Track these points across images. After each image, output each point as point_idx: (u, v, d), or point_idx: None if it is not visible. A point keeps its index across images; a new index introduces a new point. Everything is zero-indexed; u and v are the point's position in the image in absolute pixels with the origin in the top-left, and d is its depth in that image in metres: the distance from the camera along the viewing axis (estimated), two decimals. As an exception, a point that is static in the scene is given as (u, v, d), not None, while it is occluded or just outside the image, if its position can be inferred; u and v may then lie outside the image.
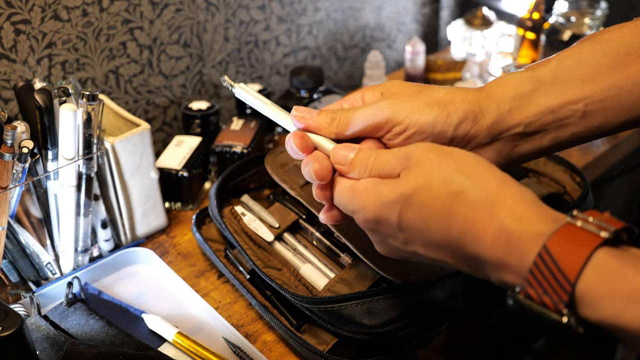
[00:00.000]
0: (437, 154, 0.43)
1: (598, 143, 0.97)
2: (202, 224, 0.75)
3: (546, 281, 0.36)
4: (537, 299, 0.37)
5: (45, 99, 0.63)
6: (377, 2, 1.18)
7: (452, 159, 0.43)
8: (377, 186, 0.45)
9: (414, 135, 0.48)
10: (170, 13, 0.91)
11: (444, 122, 0.47)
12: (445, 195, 0.41)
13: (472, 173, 0.42)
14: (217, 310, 0.66)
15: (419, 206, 0.42)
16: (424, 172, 0.43)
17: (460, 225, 0.41)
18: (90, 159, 0.68)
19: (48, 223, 0.69)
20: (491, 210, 0.40)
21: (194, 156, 0.82)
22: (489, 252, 0.40)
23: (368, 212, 0.45)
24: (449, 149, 0.44)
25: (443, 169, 0.42)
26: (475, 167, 0.43)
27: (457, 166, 0.42)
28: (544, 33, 1.06)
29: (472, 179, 0.41)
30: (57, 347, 0.59)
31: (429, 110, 0.47)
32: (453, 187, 0.41)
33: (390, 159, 0.45)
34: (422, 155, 0.44)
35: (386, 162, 0.46)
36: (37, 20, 0.79)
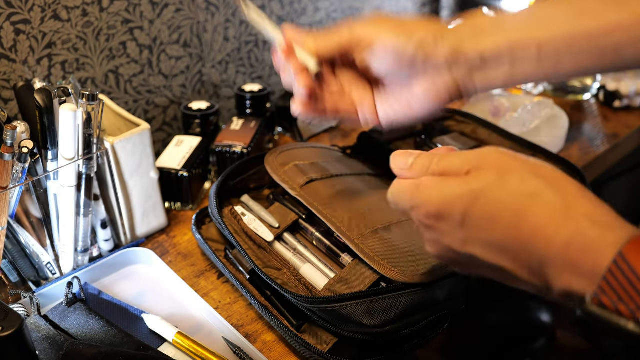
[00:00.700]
0: (513, 157, 0.43)
1: (598, 143, 0.97)
2: (202, 224, 0.75)
3: (622, 288, 0.35)
4: (612, 306, 0.36)
5: (45, 99, 0.63)
6: (377, 2, 1.18)
7: (528, 163, 0.42)
8: (444, 181, 0.44)
9: (379, 51, 0.53)
10: (170, 13, 0.91)
11: (406, 42, 0.52)
12: (519, 195, 0.40)
13: (549, 177, 0.41)
14: (217, 310, 0.66)
15: (488, 203, 0.41)
16: (499, 171, 0.42)
17: (531, 224, 0.39)
18: (90, 159, 0.68)
19: (48, 223, 0.69)
20: (568, 213, 0.39)
21: (194, 156, 0.82)
22: (561, 256, 0.38)
23: (430, 206, 0.44)
24: (523, 156, 0.43)
25: (519, 170, 0.42)
26: (552, 172, 0.42)
27: (534, 169, 0.42)
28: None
29: (549, 182, 0.41)
30: (57, 347, 0.59)
31: (394, 32, 0.53)
32: (529, 188, 0.40)
33: (457, 160, 0.45)
34: (497, 157, 0.43)
35: (452, 163, 0.45)
36: (37, 20, 0.79)
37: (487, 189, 0.41)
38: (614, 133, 0.99)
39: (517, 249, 0.40)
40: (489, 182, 0.41)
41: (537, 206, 0.40)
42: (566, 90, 1.09)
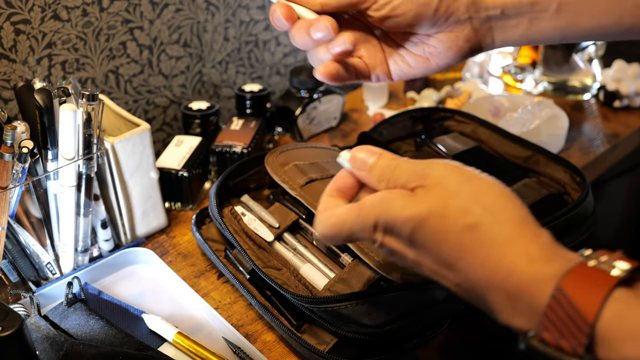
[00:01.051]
0: (459, 177, 0.42)
1: (598, 143, 0.97)
2: (202, 224, 0.75)
3: (563, 324, 0.35)
4: (554, 342, 0.35)
5: (45, 99, 0.63)
6: (377, 2, 1.18)
7: (472, 186, 0.42)
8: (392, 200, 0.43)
9: (400, 5, 0.50)
10: (170, 13, 0.91)
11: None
12: (460, 227, 0.40)
13: (491, 206, 0.40)
14: (217, 310, 0.66)
15: (432, 231, 0.41)
16: (442, 196, 0.41)
17: (471, 259, 0.39)
18: (90, 159, 0.68)
19: (48, 223, 0.69)
20: (504, 249, 0.38)
21: (194, 156, 0.82)
22: (498, 291, 0.38)
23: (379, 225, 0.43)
24: (472, 173, 0.43)
25: (461, 197, 0.41)
26: (497, 200, 0.41)
27: (477, 196, 0.41)
28: (544, 33, 1.06)
29: (490, 213, 0.40)
30: (57, 347, 0.59)
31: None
32: (469, 219, 0.40)
33: (409, 171, 0.44)
34: (443, 175, 0.42)
35: (404, 172, 0.44)
36: (37, 20, 0.79)
37: (431, 216, 0.41)
38: (614, 133, 0.99)
39: (461, 279, 0.41)
40: (433, 209, 0.41)
41: (475, 242, 0.39)
42: (566, 90, 1.09)
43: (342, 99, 1.01)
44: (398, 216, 0.42)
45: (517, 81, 1.14)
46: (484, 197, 0.41)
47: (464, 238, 0.40)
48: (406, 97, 1.11)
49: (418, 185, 0.43)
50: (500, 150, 0.83)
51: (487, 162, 0.81)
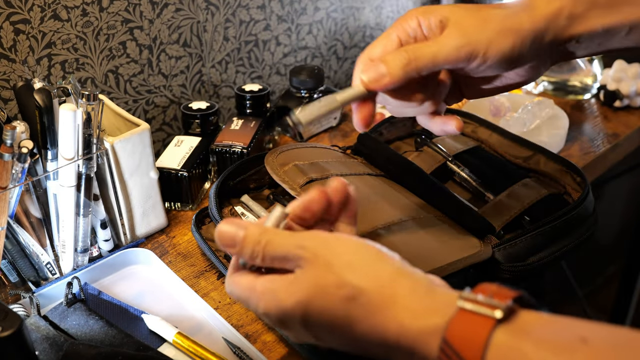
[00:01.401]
0: (328, 251, 0.43)
1: (598, 143, 0.97)
2: (201, 224, 0.75)
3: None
4: None
5: (44, 98, 0.63)
6: (377, 1, 1.18)
7: (341, 259, 0.42)
8: (275, 290, 0.44)
9: (494, 63, 0.50)
10: (170, 13, 0.91)
11: (521, 47, 0.50)
12: (340, 302, 0.41)
13: (363, 273, 0.42)
14: (217, 310, 0.66)
15: (319, 312, 0.42)
16: (317, 275, 0.42)
17: (362, 328, 0.41)
18: (89, 159, 0.68)
19: (48, 223, 0.69)
20: (388, 312, 0.40)
21: (194, 156, 0.82)
22: (396, 352, 0.40)
23: (271, 314, 0.44)
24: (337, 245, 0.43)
25: (334, 271, 0.42)
26: (366, 265, 0.42)
27: (348, 267, 0.42)
28: (544, 33, 1.06)
29: (364, 280, 0.41)
30: (57, 347, 0.59)
31: (505, 38, 0.50)
32: (347, 292, 0.41)
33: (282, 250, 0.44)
34: (313, 253, 0.43)
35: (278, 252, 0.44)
36: (37, 20, 0.79)
37: (313, 299, 0.42)
38: (614, 133, 0.99)
39: (363, 347, 0.42)
40: (313, 291, 0.42)
41: (359, 312, 0.41)
42: (566, 90, 1.09)
43: (342, 98, 1.01)
44: (285, 306, 0.43)
45: (517, 81, 1.13)
46: (354, 262, 0.42)
47: (348, 311, 0.41)
48: (406, 97, 1.11)
49: (295, 266, 0.44)
50: (500, 150, 0.83)
51: (487, 162, 0.81)
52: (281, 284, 0.44)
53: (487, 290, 0.38)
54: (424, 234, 0.65)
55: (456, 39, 0.50)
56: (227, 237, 0.46)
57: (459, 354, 0.36)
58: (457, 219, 0.70)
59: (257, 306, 0.45)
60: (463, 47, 0.49)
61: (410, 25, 0.53)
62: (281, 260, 0.44)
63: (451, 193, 0.73)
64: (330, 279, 0.42)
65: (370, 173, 0.78)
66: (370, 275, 0.41)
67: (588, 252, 1.44)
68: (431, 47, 0.50)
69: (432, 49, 0.50)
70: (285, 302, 0.43)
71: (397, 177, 0.76)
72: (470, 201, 0.76)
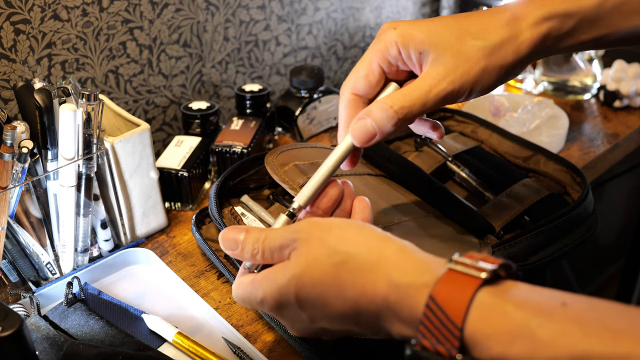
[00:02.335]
0: (320, 230, 0.45)
1: (598, 143, 0.97)
2: (202, 224, 0.75)
3: (437, 330, 0.37)
4: (432, 348, 0.37)
5: (45, 98, 0.63)
6: (377, 2, 1.18)
7: (332, 233, 0.45)
8: (271, 273, 0.46)
9: (477, 95, 0.51)
10: (170, 13, 0.91)
11: (505, 79, 0.51)
12: (332, 268, 0.43)
13: (352, 241, 0.44)
14: (217, 310, 0.66)
15: (311, 284, 0.44)
16: (310, 250, 0.44)
17: (352, 292, 0.42)
18: (90, 159, 0.68)
19: (48, 223, 0.69)
20: (377, 271, 0.41)
21: (194, 156, 0.82)
22: (384, 310, 0.41)
23: (268, 299, 0.46)
24: (329, 223, 0.46)
25: (326, 243, 0.44)
26: (356, 235, 0.45)
27: (339, 238, 0.44)
28: (544, 33, 1.06)
29: (353, 246, 0.43)
30: (57, 347, 0.59)
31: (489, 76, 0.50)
32: (337, 258, 0.43)
33: (279, 238, 0.47)
34: (307, 233, 0.45)
35: (275, 243, 0.47)
36: (37, 20, 0.79)
37: (306, 270, 0.44)
38: (614, 133, 0.99)
39: (354, 316, 0.43)
40: (305, 263, 0.44)
41: (349, 274, 0.42)
42: (566, 90, 1.09)
43: (342, 99, 1.01)
44: (280, 284, 0.45)
45: (517, 81, 1.13)
46: (345, 236, 0.44)
47: (339, 275, 0.43)
48: (406, 97, 1.11)
49: (291, 250, 0.46)
50: (500, 150, 0.83)
51: (487, 162, 0.81)
52: (277, 267, 0.46)
53: (476, 255, 0.40)
54: (424, 234, 0.65)
55: (439, 84, 0.49)
56: (230, 240, 0.49)
57: (444, 310, 0.37)
58: (457, 219, 0.70)
59: (257, 295, 0.47)
60: (446, 91, 0.49)
61: (391, 53, 0.52)
62: (279, 251, 0.47)
63: (451, 193, 0.73)
64: (322, 250, 0.44)
65: (370, 173, 0.78)
66: (359, 242, 0.44)
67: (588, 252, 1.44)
68: (415, 96, 0.49)
69: (416, 97, 0.49)
70: (280, 280, 0.45)
71: (397, 177, 0.76)
72: (470, 201, 0.76)
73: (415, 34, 0.50)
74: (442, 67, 0.49)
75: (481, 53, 0.49)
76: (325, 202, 0.53)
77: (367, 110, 0.50)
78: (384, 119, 0.49)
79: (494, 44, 0.50)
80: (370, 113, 0.50)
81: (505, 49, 0.50)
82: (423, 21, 0.51)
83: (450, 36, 0.50)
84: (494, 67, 0.50)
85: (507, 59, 0.50)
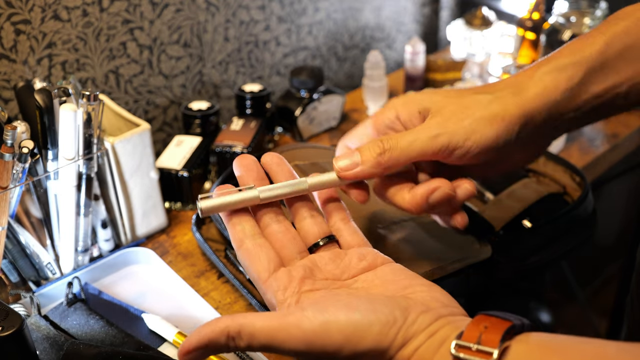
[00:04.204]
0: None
1: (598, 143, 0.97)
2: (202, 224, 0.75)
3: None
4: None
5: (45, 99, 0.63)
6: (377, 2, 1.18)
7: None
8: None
9: (478, 154, 0.47)
10: (170, 13, 0.91)
11: (507, 134, 0.46)
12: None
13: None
14: (217, 310, 0.66)
15: None
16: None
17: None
18: (90, 159, 0.68)
19: (48, 223, 0.69)
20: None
21: (194, 156, 0.82)
22: None
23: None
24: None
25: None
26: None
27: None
28: (544, 33, 1.06)
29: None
30: (57, 347, 0.59)
31: (488, 126, 0.46)
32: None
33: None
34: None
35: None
36: (37, 20, 0.79)
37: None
38: (614, 133, 0.99)
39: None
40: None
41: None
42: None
43: (342, 99, 1.01)
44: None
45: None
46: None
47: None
48: (406, 97, 1.11)
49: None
50: (500, 150, 0.83)
51: (487, 162, 0.81)
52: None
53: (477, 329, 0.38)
54: (424, 234, 0.65)
55: (432, 129, 0.47)
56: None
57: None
58: (457, 218, 0.70)
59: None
60: (438, 136, 0.46)
61: (388, 116, 0.50)
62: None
63: (451, 193, 0.73)
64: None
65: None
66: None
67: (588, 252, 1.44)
68: (406, 137, 0.47)
69: (407, 138, 0.47)
70: None
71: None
72: (470, 201, 0.76)
73: (417, 98, 0.49)
74: (437, 116, 0.48)
75: (481, 103, 0.47)
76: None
77: (357, 147, 0.49)
78: (370, 151, 0.48)
79: (495, 96, 0.48)
80: (358, 147, 0.49)
81: (507, 99, 0.47)
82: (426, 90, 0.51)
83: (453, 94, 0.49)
84: (494, 117, 0.46)
85: (508, 110, 0.46)
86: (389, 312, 0.40)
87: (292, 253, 0.46)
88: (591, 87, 0.48)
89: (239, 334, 0.40)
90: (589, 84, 0.47)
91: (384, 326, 0.39)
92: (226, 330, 0.40)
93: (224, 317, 0.41)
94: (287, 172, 0.50)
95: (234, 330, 0.40)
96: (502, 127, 0.46)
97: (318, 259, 0.46)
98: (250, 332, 0.40)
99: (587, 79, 0.47)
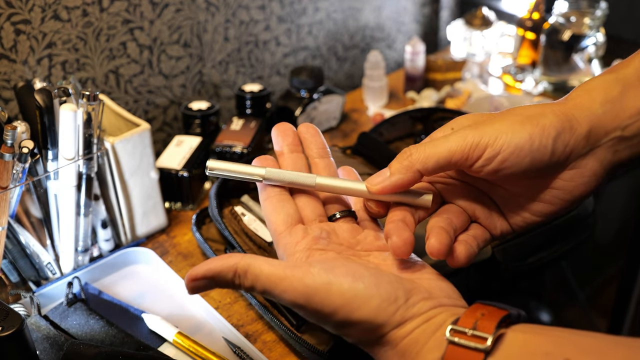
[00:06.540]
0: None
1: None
2: (202, 224, 0.75)
3: None
4: None
5: (45, 99, 0.63)
6: (377, 2, 1.18)
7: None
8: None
9: (510, 156, 0.43)
10: (170, 13, 0.91)
11: (541, 136, 0.43)
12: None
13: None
14: (217, 310, 0.66)
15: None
16: None
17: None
18: (90, 159, 0.68)
19: (48, 223, 0.69)
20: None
21: (194, 156, 0.82)
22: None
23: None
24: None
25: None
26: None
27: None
28: (544, 33, 1.06)
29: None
30: (57, 347, 0.59)
31: (520, 127, 0.43)
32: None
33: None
34: None
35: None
36: (37, 20, 0.79)
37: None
38: (613, 133, 0.99)
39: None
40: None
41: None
42: (566, 90, 1.09)
43: (342, 99, 1.01)
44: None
45: (517, 81, 1.14)
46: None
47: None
48: (406, 97, 1.11)
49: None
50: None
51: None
52: None
53: (472, 316, 0.39)
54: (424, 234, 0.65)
55: (461, 131, 0.45)
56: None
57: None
58: (457, 219, 0.70)
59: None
60: (468, 136, 0.44)
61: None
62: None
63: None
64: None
65: (370, 173, 0.78)
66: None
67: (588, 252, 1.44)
68: (434, 142, 0.45)
69: (435, 143, 0.45)
70: None
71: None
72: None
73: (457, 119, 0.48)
74: (469, 122, 0.47)
75: (516, 110, 0.45)
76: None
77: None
78: (397, 161, 0.46)
79: (533, 105, 0.46)
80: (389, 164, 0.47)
81: (543, 107, 0.45)
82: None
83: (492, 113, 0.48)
84: (527, 118, 0.44)
85: (545, 114, 0.44)
86: (392, 290, 0.41)
87: (312, 214, 0.49)
88: (633, 101, 0.45)
89: (246, 273, 0.42)
90: (631, 98, 0.45)
91: (383, 301, 0.41)
92: (234, 267, 0.42)
93: (235, 254, 0.43)
94: (320, 144, 0.52)
95: (242, 268, 0.42)
96: (536, 128, 0.43)
97: (336, 226, 0.49)
98: (257, 274, 0.42)
99: (626, 93, 0.45)
